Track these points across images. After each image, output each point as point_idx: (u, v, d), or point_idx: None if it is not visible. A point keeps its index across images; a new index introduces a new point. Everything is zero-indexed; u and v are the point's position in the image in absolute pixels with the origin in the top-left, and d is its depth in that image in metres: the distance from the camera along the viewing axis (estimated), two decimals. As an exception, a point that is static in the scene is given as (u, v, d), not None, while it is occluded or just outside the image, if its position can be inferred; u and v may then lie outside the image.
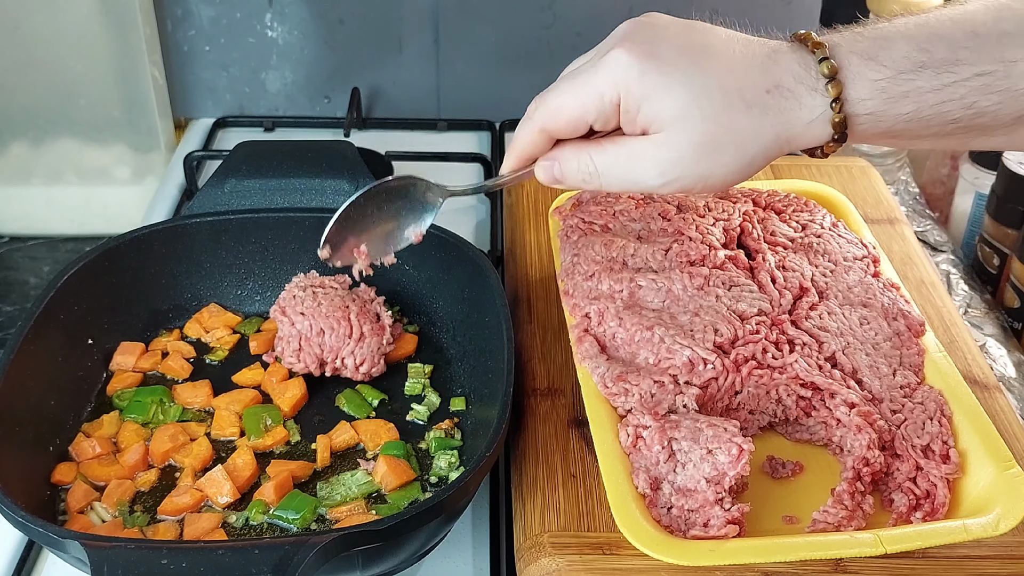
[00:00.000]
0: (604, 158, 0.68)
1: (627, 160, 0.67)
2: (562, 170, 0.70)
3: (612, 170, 0.68)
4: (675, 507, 0.68)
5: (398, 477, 0.77)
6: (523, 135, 0.71)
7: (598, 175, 0.68)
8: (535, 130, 0.70)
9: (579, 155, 0.69)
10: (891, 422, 0.74)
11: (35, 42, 1.18)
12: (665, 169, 0.66)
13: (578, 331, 0.79)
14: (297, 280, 0.89)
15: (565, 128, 0.69)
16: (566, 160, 0.70)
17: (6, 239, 1.26)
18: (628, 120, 0.66)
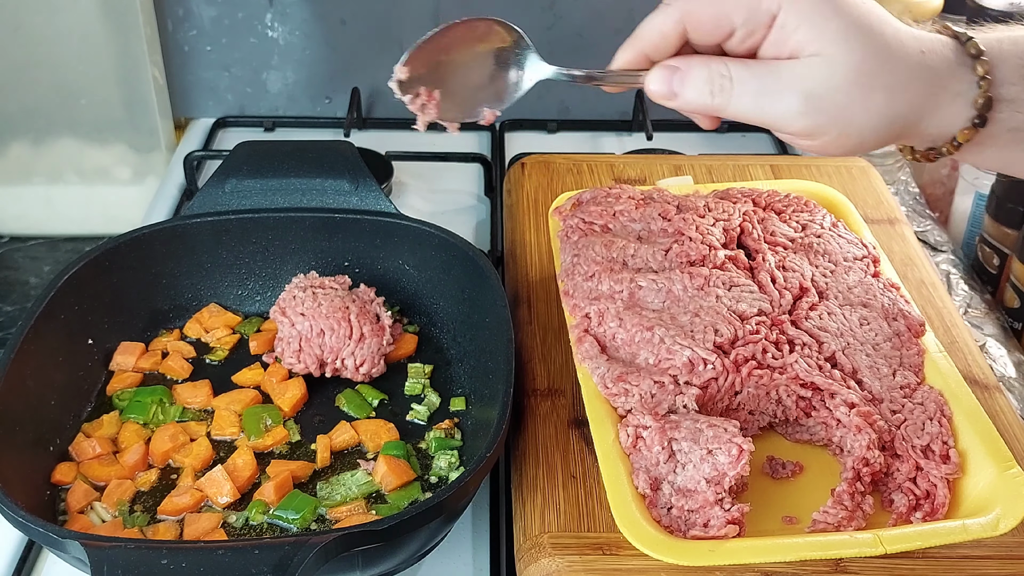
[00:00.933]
0: (744, 71, 0.61)
1: (771, 78, 0.61)
2: (684, 81, 0.63)
3: (749, 85, 0.61)
4: (675, 507, 0.68)
5: (398, 477, 0.77)
6: (652, 23, 0.64)
7: (731, 89, 0.62)
8: (670, 18, 0.63)
9: (712, 64, 0.62)
10: (891, 422, 0.74)
11: (36, 42, 1.18)
12: (813, 96, 0.60)
13: (578, 331, 0.79)
14: (297, 281, 0.89)
15: (707, 23, 0.62)
16: (693, 68, 0.63)
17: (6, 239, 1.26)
18: (779, 38, 0.61)
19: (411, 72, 0.70)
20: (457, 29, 0.70)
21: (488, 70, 0.71)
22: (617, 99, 1.34)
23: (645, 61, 0.66)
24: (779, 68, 0.61)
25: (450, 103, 0.71)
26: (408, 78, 0.70)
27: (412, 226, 0.92)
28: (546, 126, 1.33)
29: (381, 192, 0.94)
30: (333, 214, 0.93)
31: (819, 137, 0.62)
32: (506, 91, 0.72)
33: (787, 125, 0.62)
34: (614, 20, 1.30)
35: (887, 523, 0.71)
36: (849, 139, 0.62)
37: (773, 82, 0.61)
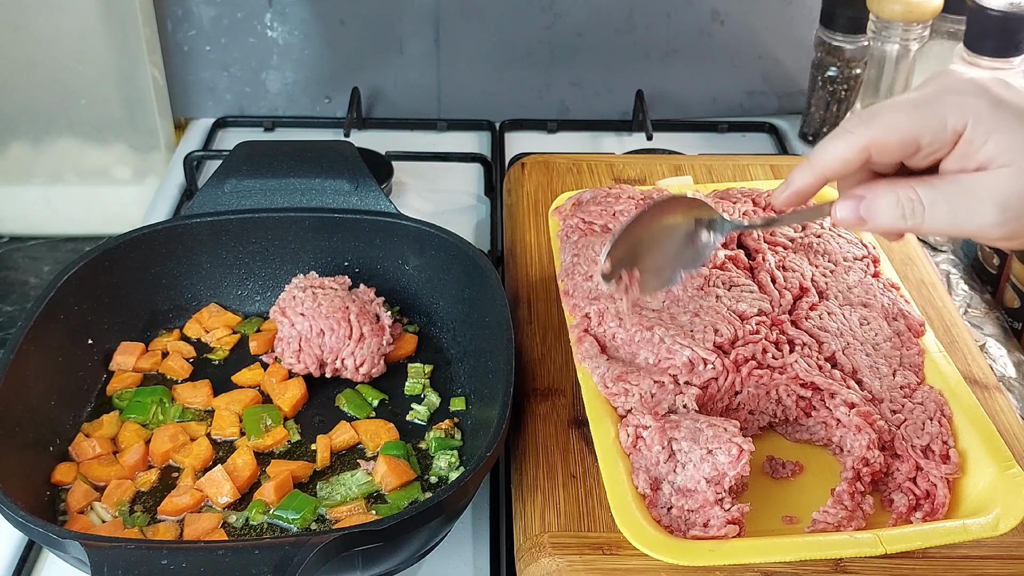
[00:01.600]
0: (931, 192, 0.61)
1: (961, 194, 0.61)
2: (872, 207, 0.63)
3: (941, 206, 0.61)
4: (675, 507, 0.68)
5: (398, 477, 0.77)
6: (835, 150, 0.63)
7: (923, 211, 0.61)
8: (856, 145, 0.62)
9: (898, 190, 0.62)
10: (891, 422, 0.74)
11: (36, 42, 1.18)
12: (1009, 207, 0.59)
13: (578, 331, 0.79)
14: (297, 281, 0.89)
15: (895, 148, 0.62)
16: (880, 195, 0.63)
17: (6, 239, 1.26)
18: (966, 153, 0.61)
19: (613, 263, 0.72)
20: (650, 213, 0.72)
21: (681, 239, 0.73)
22: (617, 99, 1.34)
23: (823, 184, 0.66)
24: (968, 183, 0.61)
25: (649, 277, 0.74)
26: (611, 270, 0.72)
27: (412, 226, 0.92)
28: (546, 126, 1.33)
29: (381, 192, 0.94)
30: (333, 214, 0.93)
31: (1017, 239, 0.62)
32: (700, 254, 0.74)
33: (985, 236, 0.62)
34: (614, 20, 1.30)
35: (887, 523, 0.71)
36: None
37: (964, 199, 0.61)
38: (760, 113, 1.37)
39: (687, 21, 1.30)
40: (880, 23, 1.11)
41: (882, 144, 0.62)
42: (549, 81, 1.34)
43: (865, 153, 0.62)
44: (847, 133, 0.63)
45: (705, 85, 1.35)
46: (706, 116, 1.36)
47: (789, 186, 0.67)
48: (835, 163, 0.64)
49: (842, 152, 0.63)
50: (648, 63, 1.33)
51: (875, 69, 1.14)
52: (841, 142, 0.63)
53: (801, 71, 1.32)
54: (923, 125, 0.61)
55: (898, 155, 0.62)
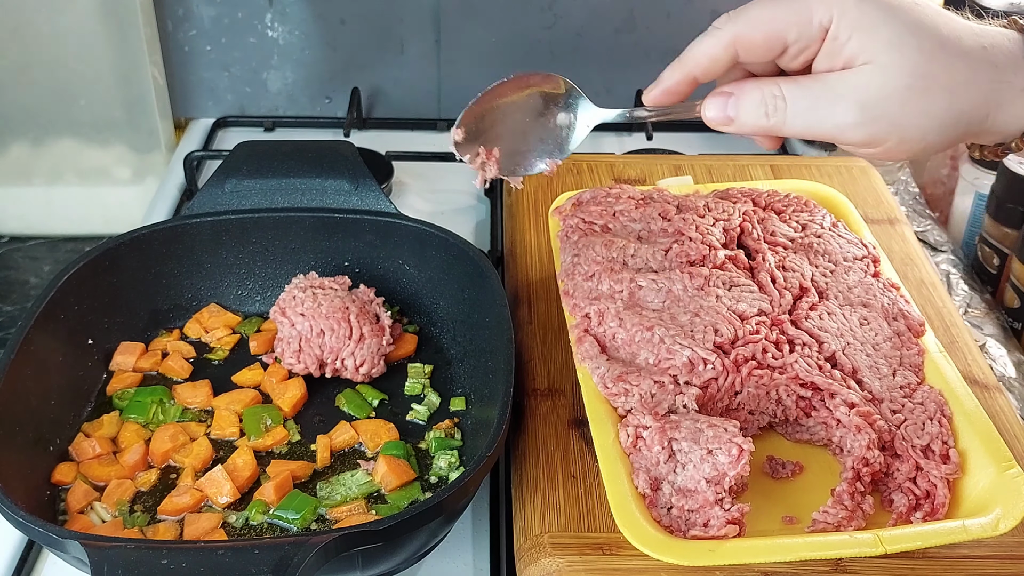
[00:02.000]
0: (795, 89, 0.61)
1: (824, 92, 0.60)
2: (739, 105, 0.63)
3: (802, 103, 0.61)
4: (675, 507, 0.68)
5: (398, 477, 0.77)
6: (702, 47, 0.64)
7: (784, 107, 0.61)
8: (723, 41, 0.63)
9: (763, 86, 0.62)
10: (891, 422, 0.74)
11: (35, 42, 1.18)
12: (868, 106, 0.59)
13: (578, 331, 0.79)
14: (297, 281, 0.89)
15: (760, 43, 0.62)
16: (746, 92, 0.62)
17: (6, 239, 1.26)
18: (832, 50, 0.60)
19: (466, 132, 0.72)
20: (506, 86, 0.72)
21: (542, 122, 0.73)
22: (617, 99, 1.34)
23: (692, 83, 0.66)
24: (832, 81, 0.61)
25: (510, 158, 0.73)
26: (464, 139, 0.72)
27: (412, 226, 0.92)
28: (546, 126, 1.33)
29: (381, 192, 0.94)
30: (333, 214, 0.93)
31: (879, 145, 0.62)
32: (564, 140, 0.73)
33: (844, 137, 0.61)
34: (614, 20, 1.30)
35: (887, 523, 0.71)
36: (911, 144, 0.61)
37: (826, 96, 0.60)
38: (760, 113, 1.37)
39: (687, 21, 1.30)
40: (880, 23, 1.10)
41: (748, 40, 0.62)
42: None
43: (732, 49, 0.63)
44: (715, 30, 0.63)
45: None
46: (706, 116, 1.36)
47: (659, 84, 0.67)
48: (703, 60, 0.64)
49: (708, 48, 0.63)
50: (648, 63, 1.33)
51: (875, 69, 1.13)
52: (708, 39, 0.64)
53: (801, 71, 1.32)
54: (789, 20, 0.61)
55: (765, 51, 0.62)
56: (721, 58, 0.63)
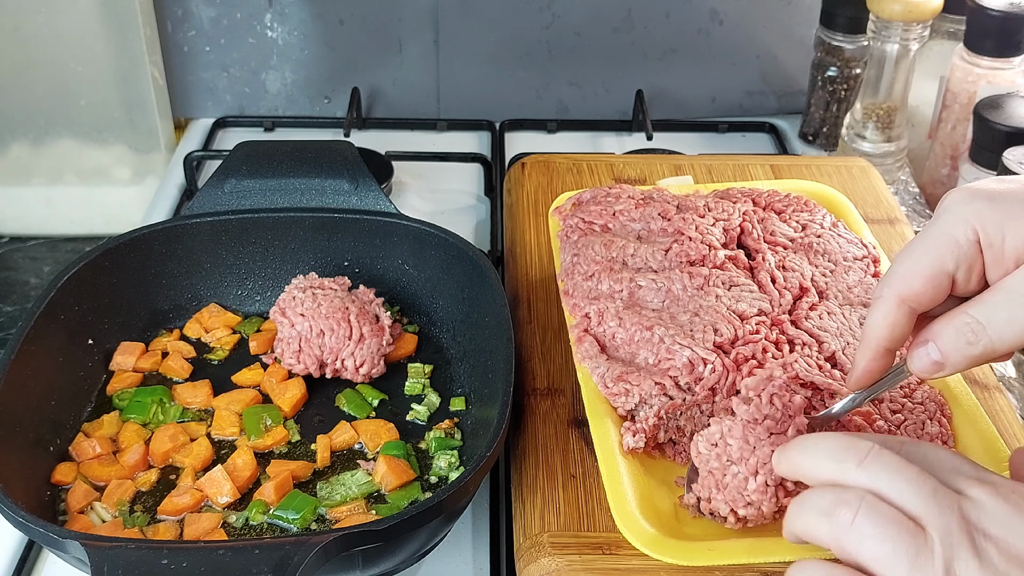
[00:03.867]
0: (983, 309, 0.59)
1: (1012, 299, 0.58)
2: (940, 348, 0.60)
3: (999, 317, 0.58)
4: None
5: (398, 477, 0.77)
6: (876, 319, 0.62)
7: (984, 330, 0.58)
8: (891, 306, 0.61)
9: (953, 320, 0.60)
10: (891, 422, 0.74)
11: (35, 43, 1.18)
12: None
13: (578, 331, 0.79)
14: (297, 282, 0.89)
15: (926, 290, 0.60)
16: (940, 333, 0.60)
17: (6, 239, 1.26)
18: (995, 256, 0.59)
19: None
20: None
21: None
22: (617, 99, 1.34)
23: (887, 354, 0.64)
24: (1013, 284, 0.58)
25: None
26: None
27: (412, 226, 0.92)
28: (546, 126, 1.33)
29: (381, 192, 0.94)
30: (333, 214, 0.93)
31: None
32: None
33: None
34: (612, 20, 1.30)
35: (887, 523, 0.70)
36: None
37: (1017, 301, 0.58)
38: (760, 113, 1.37)
39: (686, 21, 1.30)
40: (880, 23, 1.11)
41: (913, 293, 0.60)
42: (548, 81, 1.34)
43: (904, 309, 0.61)
44: (878, 300, 0.61)
45: (704, 85, 1.35)
46: (706, 116, 1.36)
47: (856, 369, 0.65)
48: (883, 331, 0.62)
49: (884, 319, 0.62)
50: (647, 63, 1.33)
51: (875, 69, 1.14)
52: (878, 311, 0.62)
53: (800, 71, 1.32)
54: (939, 252, 0.59)
55: (934, 294, 0.61)
56: (900, 322, 0.62)
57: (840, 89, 1.24)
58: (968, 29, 1.09)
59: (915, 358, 0.61)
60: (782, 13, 1.31)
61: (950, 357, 0.60)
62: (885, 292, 0.61)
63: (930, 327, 0.61)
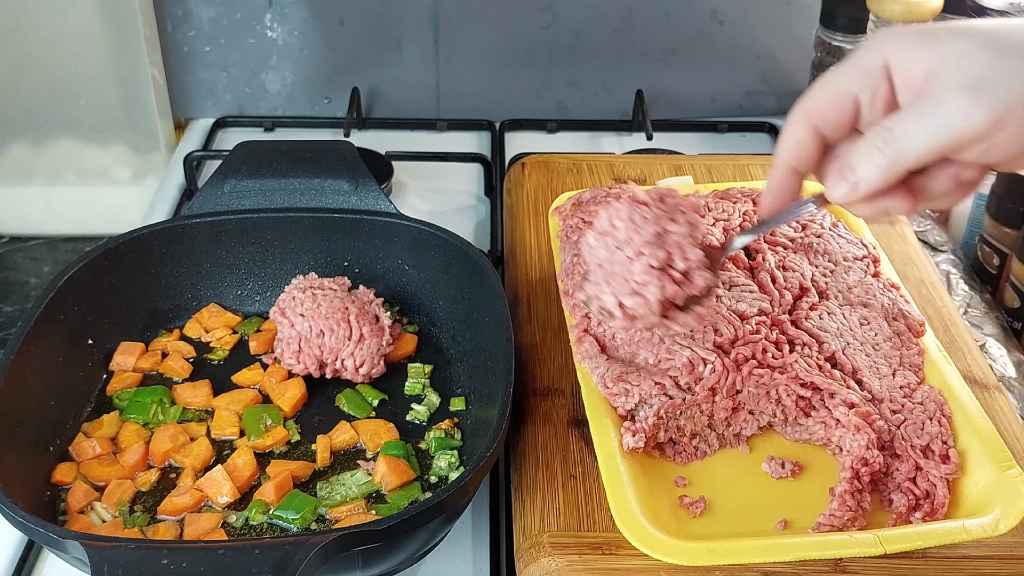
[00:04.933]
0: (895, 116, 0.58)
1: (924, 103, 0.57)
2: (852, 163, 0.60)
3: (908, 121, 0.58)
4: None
5: (398, 477, 0.77)
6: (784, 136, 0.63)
7: (897, 138, 0.58)
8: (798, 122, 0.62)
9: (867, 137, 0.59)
10: (891, 422, 0.74)
11: (35, 43, 1.18)
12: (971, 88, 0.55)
13: (578, 331, 0.79)
14: (296, 282, 0.89)
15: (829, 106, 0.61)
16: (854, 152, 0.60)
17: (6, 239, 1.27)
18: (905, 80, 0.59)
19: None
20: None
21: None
22: (616, 99, 1.34)
23: (794, 175, 0.65)
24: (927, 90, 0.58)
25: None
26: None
27: (412, 226, 0.92)
28: (546, 126, 1.33)
29: (381, 192, 0.94)
30: (333, 214, 0.93)
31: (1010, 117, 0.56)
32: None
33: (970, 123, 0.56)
34: (612, 20, 1.30)
35: (887, 523, 0.71)
36: None
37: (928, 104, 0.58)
38: (759, 113, 1.37)
39: (686, 21, 1.30)
40: (880, 23, 1.11)
41: (817, 109, 0.62)
42: (548, 81, 1.34)
43: (807, 124, 0.62)
44: (788, 119, 0.63)
45: (704, 85, 1.35)
46: (705, 116, 1.36)
47: (768, 191, 0.66)
48: (790, 146, 0.63)
49: (788, 134, 0.63)
50: (647, 63, 1.33)
51: (875, 69, 1.14)
52: (787, 128, 0.63)
53: (800, 71, 1.32)
54: (846, 77, 0.61)
55: (838, 113, 0.62)
56: (803, 138, 0.63)
57: (840, 89, 1.24)
58: (968, 29, 1.09)
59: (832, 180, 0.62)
60: (782, 13, 1.31)
61: (861, 169, 0.60)
62: (796, 108, 0.62)
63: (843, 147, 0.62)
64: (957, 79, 0.56)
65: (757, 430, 0.78)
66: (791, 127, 0.63)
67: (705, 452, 0.76)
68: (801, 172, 0.64)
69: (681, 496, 0.72)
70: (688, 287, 0.67)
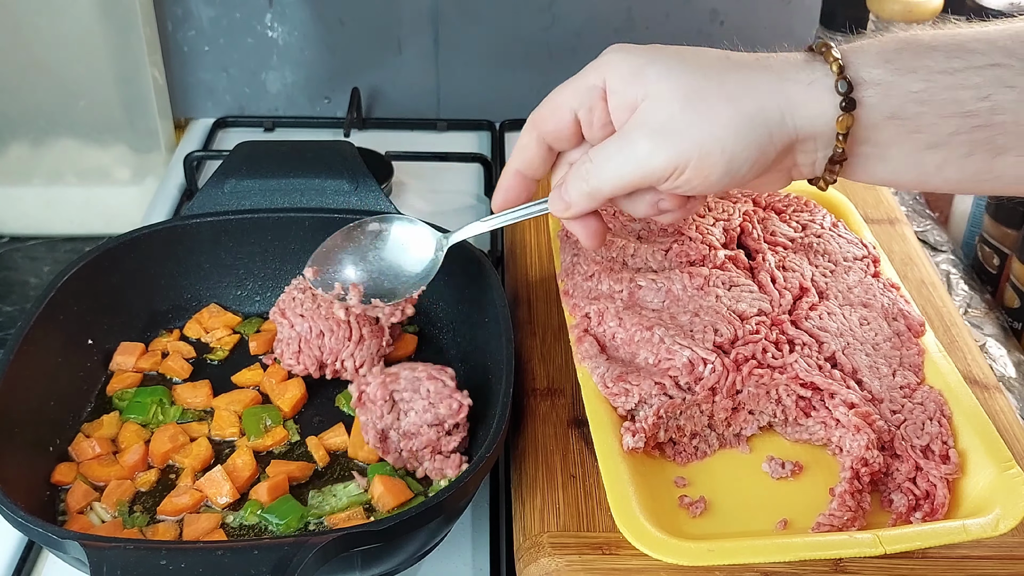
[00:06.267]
0: (598, 148, 0.66)
1: (618, 138, 0.65)
2: (565, 185, 0.68)
3: (603, 154, 0.65)
4: (404, 449, 0.76)
5: (395, 497, 0.75)
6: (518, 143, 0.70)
7: (593, 168, 0.66)
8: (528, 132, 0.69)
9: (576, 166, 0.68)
10: (891, 422, 0.74)
11: (36, 43, 1.18)
12: (656, 131, 0.62)
13: (578, 331, 0.79)
14: (296, 282, 0.89)
15: (549, 118, 0.68)
16: (569, 174, 0.68)
17: (6, 239, 1.26)
18: (616, 104, 0.65)
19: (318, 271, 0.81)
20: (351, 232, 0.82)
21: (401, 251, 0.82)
22: (617, 99, 1.34)
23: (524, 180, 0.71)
24: (626, 128, 0.64)
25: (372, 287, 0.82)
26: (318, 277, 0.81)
27: (412, 226, 0.91)
28: (546, 126, 1.33)
29: (381, 192, 0.94)
30: (333, 214, 0.92)
31: (685, 166, 0.62)
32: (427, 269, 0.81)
33: (649, 167, 0.63)
34: (613, 20, 1.30)
35: (887, 523, 0.71)
36: (715, 157, 0.62)
37: (621, 140, 0.64)
38: (760, 113, 1.37)
39: (686, 21, 1.30)
40: (880, 23, 1.11)
41: (541, 119, 0.68)
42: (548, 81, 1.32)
43: (533, 133, 0.69)
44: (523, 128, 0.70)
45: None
46: (706, 116, 1.36)
47: (499, 189, 0.73)
48: (517, 153, 0.70)
49: (521, 143, 0.70)
50: (648, 63, 1.33)
51: (875, 69, 1.14)
52: (522, 135, 0.70)
53: (801, 71, 1.32)
54: (569, 94, 0.67)
55: (557, 126, 0.68)
56: (529, 145, 0.69)
57: (840, 89, 1.24)
58: (968, 29, 1.09)
59: (552, 197, 0.70)
60: (782, 13, 1.31)
61: (571, 193, 0.68)
62: (529, 118, 0.69)
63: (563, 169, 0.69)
64: (649, 122, 0.63)
65: (757, 430, 0.78)
66: (522, 136, 0.70)
67: (705, 452, 0.76)
68: (527, 175, 0.71)
69: (681, 496, 0.72)
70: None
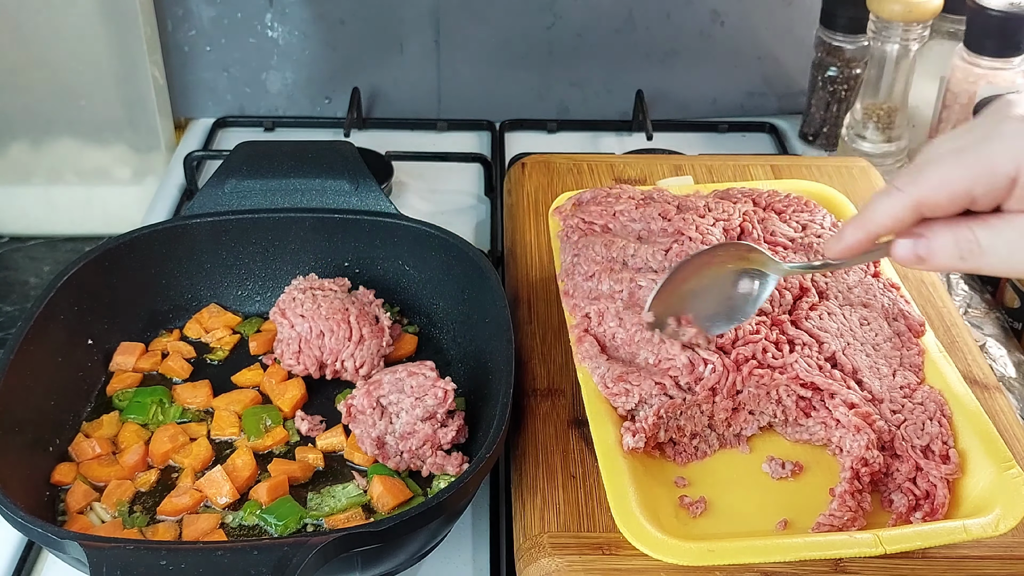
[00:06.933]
0: (989, 233, 0.60)
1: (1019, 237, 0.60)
2: (931, 248, 0.62)
3: (998, 248, 0.60)
4: (404, 452, 0.76)
5: (395, 497, 0.76)
6: (885, 207, 0.63)
7: (980, 253, 0.61)
8: (906, 205, 0.62)
9: (956, 231, 0.61)
10: (891, 422, 0.74)
11: (35, 43, 1.18)
12: None
13: (578, 331, 0.79)
14: (296, 283, 0.89)
15: (945, 203, 0.61)
16: (938, 237, 0.62)
17: (6, 239, 1.26)
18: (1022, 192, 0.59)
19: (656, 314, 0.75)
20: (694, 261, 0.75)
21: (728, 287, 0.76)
22: (617, 99, 1.34)
23: (875, 240, 0.66)
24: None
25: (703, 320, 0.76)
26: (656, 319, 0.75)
27: (412, 226, 0.92)
28: (546, 126, 1.33)
29: (381, 192, 0.94)
30: (333, 214, 0.92)
31: None
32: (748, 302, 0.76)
33: None
34: (614, 20, 1.30)
35: (887, 523, 0.71)
36: None
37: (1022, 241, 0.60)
38: (760, 113, 1.37)
39: (687, 21, 1.30)
40: (880, 23, 1.11)
41: (932, 202, 0.61)
42: (549, 81, 1.34)
43: (916, 212, 0.62)
44: (897, 192, 0.62)
45: (705, 85, 1.35)
46: (706, 116, 1.36)
47: (841, 241, 0.67)
48: (886, 221, 0.63)
49: (891, 210, 0.63)
50: (648, 63, 1.33)
51: (875, 69, 1.14)
52: (891, 200, 0.62)
53: (801, 71, 1.32)
54: (972, 177, 0.60)
55: (951, 209, 0.62)
56: (906, 220, 0.63)
57: (840, 89, 1.24)
58: (968, 29, 1.09)
59: (901, 246, 0.64)
60: (783, 14, 1.31)
61: (935, 259, 0.62)
62: (907, 189, 0.61)
63: (931, 224, 0.62)
64: None
65: (757, 430, 0.78)
66: (899, 208, 0.62)
67: (705, 452, 0.76)
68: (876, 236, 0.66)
69: (681, 496, 0.72)
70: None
